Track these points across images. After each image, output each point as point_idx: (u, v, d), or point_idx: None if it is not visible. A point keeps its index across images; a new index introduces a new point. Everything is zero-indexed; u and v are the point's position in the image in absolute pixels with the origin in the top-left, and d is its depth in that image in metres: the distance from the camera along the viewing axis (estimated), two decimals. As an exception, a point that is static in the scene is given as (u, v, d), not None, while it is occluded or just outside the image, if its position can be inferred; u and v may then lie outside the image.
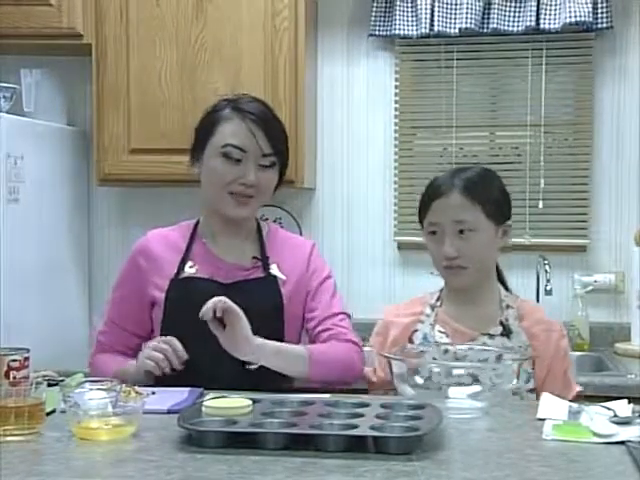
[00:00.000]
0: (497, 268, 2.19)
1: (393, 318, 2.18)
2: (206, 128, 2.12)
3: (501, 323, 2.09)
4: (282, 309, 2.10)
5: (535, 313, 2.15)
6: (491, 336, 2.07)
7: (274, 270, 2.12)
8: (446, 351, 2.02)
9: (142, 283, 2.15)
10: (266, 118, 2.10)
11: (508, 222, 2.13)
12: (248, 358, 1.96)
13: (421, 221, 2.13)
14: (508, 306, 2.12)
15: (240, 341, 1.93)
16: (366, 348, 2.19)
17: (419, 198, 2.15)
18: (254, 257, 2.14)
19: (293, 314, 2.13)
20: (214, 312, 1.90)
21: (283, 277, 2.12)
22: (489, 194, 2.09)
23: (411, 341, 2.11)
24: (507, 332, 2.08)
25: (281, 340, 2.05)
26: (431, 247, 2.11)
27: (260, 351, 1.96)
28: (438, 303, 2.16)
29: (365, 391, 2.14)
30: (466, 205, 2.05)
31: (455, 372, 1.84)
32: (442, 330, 2.10)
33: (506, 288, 2.20)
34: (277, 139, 2.11)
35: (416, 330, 2.12)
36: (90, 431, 1.57)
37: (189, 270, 2.12)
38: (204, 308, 1.90)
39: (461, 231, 2.05)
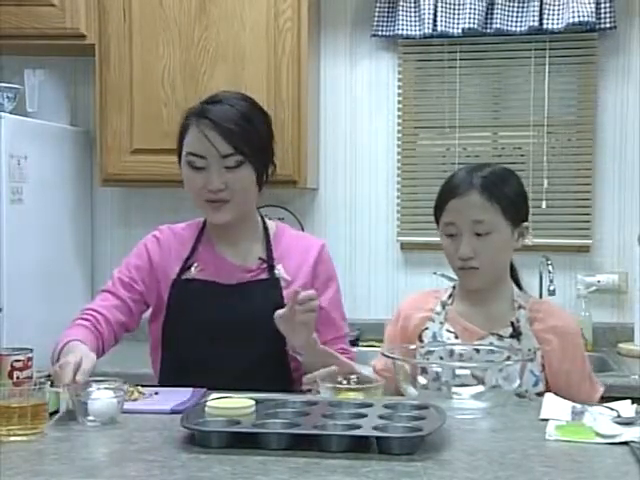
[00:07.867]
0: (511, 266, 2.14)
1: (409, 311, 2.16)
2: (179, 135, 2.11)
3: (512, 324, 2.04)
4: None
5: (549, 317, 2.08)
6: (500, 337, 2.03)
7: (279, 272, 2.10)
8: (452, 352, 2.00)
9: (151, 277, 2.11)
10: (222, 118, 2.02)
11: (525, 224, 2.08)
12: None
13: (437, 220, 2.08)
14: (520, 306, 2.07)
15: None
16: (364, 348, 2.18)
17: (436, 196, 2.09)
18: (259, 258, 2.12)
19: None
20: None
21: (288, 278, 2.09)
22: (508, 194, 2.04)
23: (421, 339, 2.09)
24: (517, 334, 2.03)
25: (282, 342, 2.05)
26: (447, 247, 2.06)
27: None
28: (449, 301, 2.13)
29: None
30: (485, 205, 2.00)
31: (458, 372, 1.84)
32: (451, 330, 2.08)
33: (519, 287, 2.14)
34: (239, 137, 2.01)
35: (426, 328, 2.10)
36: None
37: (193, 271, 2.10)
38: None
39: (478, 232, 2.01)
